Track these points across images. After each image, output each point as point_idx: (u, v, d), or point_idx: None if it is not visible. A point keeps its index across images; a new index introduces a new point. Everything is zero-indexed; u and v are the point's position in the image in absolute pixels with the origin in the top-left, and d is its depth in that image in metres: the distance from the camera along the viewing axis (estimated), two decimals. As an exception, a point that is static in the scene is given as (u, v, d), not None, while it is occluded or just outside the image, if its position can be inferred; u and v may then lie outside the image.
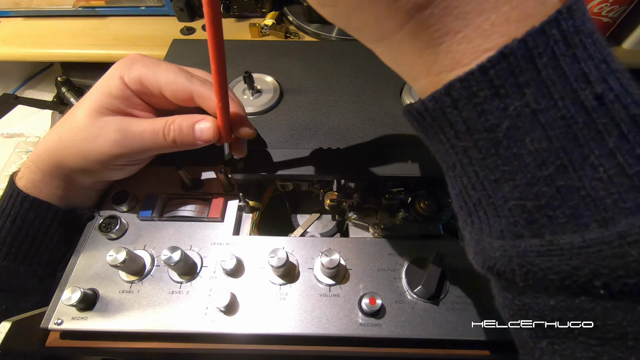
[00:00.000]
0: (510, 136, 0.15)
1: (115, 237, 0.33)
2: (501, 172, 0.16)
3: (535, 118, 0.15)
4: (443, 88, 0.16)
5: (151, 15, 0.76)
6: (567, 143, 0.15)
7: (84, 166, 0.31)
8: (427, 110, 0.17)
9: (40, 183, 0.32)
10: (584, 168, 0.15)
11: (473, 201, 0.18)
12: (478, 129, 0.16)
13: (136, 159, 0.33)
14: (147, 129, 0.30)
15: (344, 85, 0.47)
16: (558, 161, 0.15)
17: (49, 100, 0.76)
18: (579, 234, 0.15)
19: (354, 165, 0.32)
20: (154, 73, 0.30)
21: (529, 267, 0.16)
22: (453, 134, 0.17)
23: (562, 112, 0.15)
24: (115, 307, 0.30)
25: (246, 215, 0.37)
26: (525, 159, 0.15)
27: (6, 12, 0.74)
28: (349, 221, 0.36)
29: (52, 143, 0.31)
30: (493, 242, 0.17)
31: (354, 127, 0.42)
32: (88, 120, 0.29)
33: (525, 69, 0.14)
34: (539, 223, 0.16)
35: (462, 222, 0.20)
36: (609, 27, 0.61)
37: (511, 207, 0.16)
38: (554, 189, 0.15)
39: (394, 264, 0.32)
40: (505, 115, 0.15)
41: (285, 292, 0.30)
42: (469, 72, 0.15)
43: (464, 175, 0.18)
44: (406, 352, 0.29)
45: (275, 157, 0.33)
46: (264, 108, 0.44)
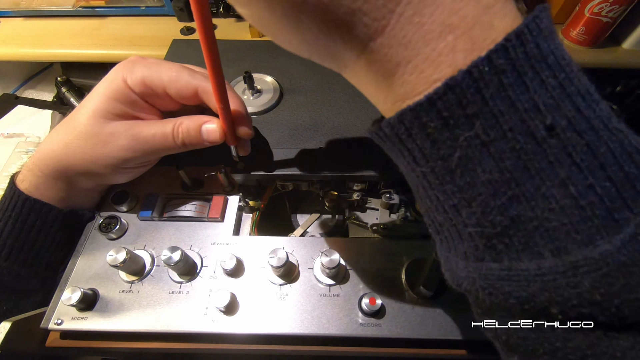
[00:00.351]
0: (462, 165, 0.15)
1: (115, 237, 0.33)
2: (458, 199, 0.16)
3: (485, 149, 0.15)
4: (396, 115, 0.16)
5: (151, 15, 0.76)
6: (519, 174, 0.15)
7: (94, 170, 0.31)
8: (385, 135, 0.17)
9: (43, 186, 0.32)
10: (536, 199, 0.15)
11: (438, 221, 0.18)
12: (432, 157, 0.16)
13: (146, 161, 0.33)
14: (158, 132, 0.30)
15: (344, 85, 0.47)
16: (510, 192, 0.15)
17: (49, 100, 0.76)
18: (534, 262, 0.15)
19: (353, 165, 0.32)
20: (156, 72, 0.30)
21: (490, 289, 0.16)
22: (411, 159, 0.17)
23: (512, 144, 0.14)
24: (115, 307, 0.30)
25: (246, 215, 0.37)
26: (478, 189, 0.15)
27: (6, 12, 0.74)
28: (349, 221, 0.36)
29: (57, 149, 0.31)
30: (458, 261, 0.18)
31: (354, 127, 0.42)
32: (97, 126, 0.29)
33: (472, 101, 0.14)
34: (497, 249, 0.16)
35: (433, 236, 0.20)
36: (609, 27, 0.61)
37: (471, 232, 0.16)
38: (507, 218, 0.15)
39: (394, 264, 0.32)
40: (456, 146, 0.15)
41: (285, 292, 0.30)
42: (418, 102, 0.15)
43: (426, 198, 0.18)
44: (406, 352, 0.29)
45: (275, 157, 0.33)
46: (264, 108, 0.44)
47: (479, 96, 0.14)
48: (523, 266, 0.15)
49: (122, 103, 0.30)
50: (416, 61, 0.15)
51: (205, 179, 0.37)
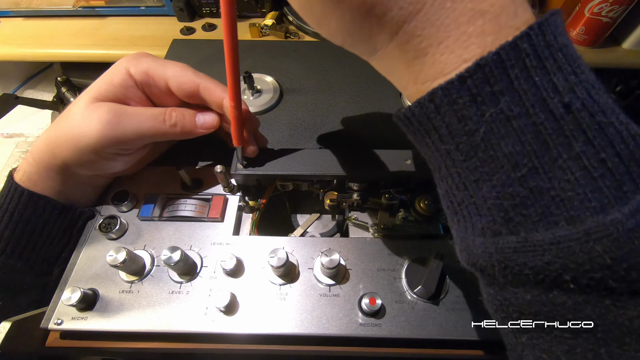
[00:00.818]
0: (487, 140, 0.17)
1: (115, 237, 0.33)
2: (480, 173, 0.17)
3: (509, 124, 0.16)
4: (427, 95, 0.17)
5: (151, 15, 0.76)
6: (538, 147, 0.16)
7: (77, 155, 0.30)
8: (414, 115, 0.18)
9: (36, 175, 0.32)
10: (553, 170, 0.16)
11: (457, 200, 0.19)
12: (459, 133, 0.17)
13: (129, 147, 0.32)
14: (144, 113, 0.31)
15: (344, 85, 0.47)
16: (530, 163, 0.16)
17: (49, 100, 0.76)
18: (550, 231, 0.16)
19: (354, 165, 0.32)
20: (162, 66, 0.31)
21: (506, 262, 0.17)
22: (437, 137, 0.18)
23: (533, 119, 0.16)
24: (115, 307, 0.30)
25: (246, 215, 0.37)
26: (501, 161, 0.17)
27: (6, 12, 0.74)
28: (349, 221, 0.36)
29: (49, 133, 0.31)
30: (475, 239, 0.18)
31: (354, 127, 0.42)
32: (83, 106, 0.30)
33: (499, 79, 0.16)
34: (514, 221, 0.17)
35: (449, 220, 0.21)
36: (609, 27, 0.61)
37: (490, 206, 0.17)
38: (526, 189, 0.16)
39: (394, 264, 0.32)
40: (482, 121, 0.16)
41: (285, 292, 0.30)
42: (449, 80, 0.16)
43: (448, 177, 0.19)
44: (406, 352, 0.29)
45: (275, 157, 0.33)
46: (264, 108, 0.44)
47: (505, 75, 0.16)
48: (539, 236, 0.16)
49: (116, 87, 0.31)
50: (448, 42, 0.16)
51: (205, 178, 0.37)
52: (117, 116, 0.29)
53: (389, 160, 0.32)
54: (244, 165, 0.32)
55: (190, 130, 0.32)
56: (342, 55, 0.51)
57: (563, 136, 0.16)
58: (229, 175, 0.33)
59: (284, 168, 0.32)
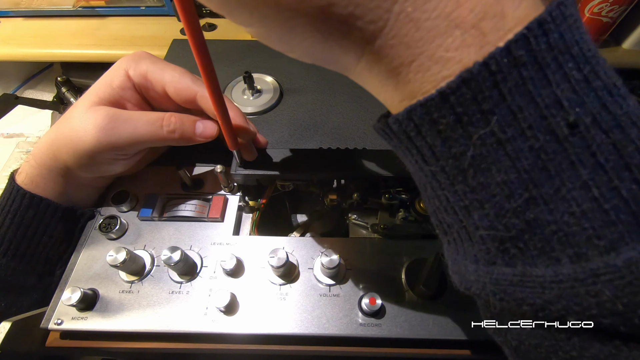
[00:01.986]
0: (476, 165, 0.14)
1: (115, 237, 0.33)
2: (469, 200, 0.15)
3: (501, 148, 0.14)
4: (405, 111, 0.15)
5: (151, 15, 0.76)
6: (537, 174, 0.14)
7: (76, 158, 0.30)
8: (392, 132, 0.17)
9: (38, 177, 0.32)
10: (555, 201, 0.14)
11: (447, 223, 0.17)
12: (443, 156, 0.15)
13: (125, 152, 0.32)
14: (141, 118, 0.30)
15: (344, 85, 0.47)
16: (527, 193, 0.14)
17: (49, 100, 0.76)
18: (552, 268, 0.14)
19: (354, 165, 0.32)
20: (160, 70, 0.31)
21: (501, 295, 0.15)
22: (420, 157, 0.16)
23: (531, 142, 0.13)
24: (115, 307, 0.30)
25: (246, 215, 0.37)
26: (492, 190, 0.14)
27: (6, 12, 0.74)
28: (349, 221, 0.36)
29: (51, 135, 0.32)
30: (468, 265, 0.17)
31: (354, 127, 0.42)
32: (82, 110, 0.30)
33: (488, 96, 0.13)
34: (510, 253, 0.15)
35: (440, 237, 0.19)
36: (609, 27, 0.61)
37: (482, 235, 0.15)
38: (523, 221, 0.14)
39: (394, 264, 0.32)
40: (469, 144, 0.14)
41: (285, 292, 0.30)
42: (429, 97, 0.14)
43: (435, 198, 0.17)
44: (406, 352, 0.29)
45: (275, 157, 0.33)
46: (264, 108, 0.44)
47: (496, 91, 0.13)
48: (538, 272, 0.14)
49: (114, 89, 0.30)
50: (421, 59, 0.14)
51: (205, 178, 0.37)
52: (112, 121, 0.29)
53: (389, 160, 0.32)
54: (243, 166, 0.32)
55: (190, 138, 0.32)
56: (342, 55, 0.51)
57: (567, 161, 0.13)
58: (229, 175, 0.33)
59: (284, 168, 0.32)
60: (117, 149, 0.30)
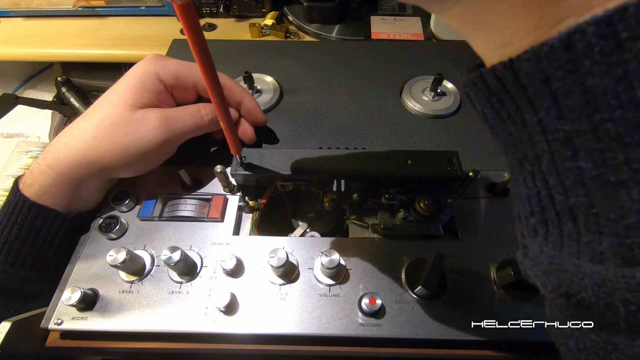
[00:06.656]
0: None
1: (115, 237, 0.33)
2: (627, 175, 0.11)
3: None
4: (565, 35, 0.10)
5: (151, 15, 0.76)
6: None
7: (122, 160, 0.32)
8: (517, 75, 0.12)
9: (56, 189, 0.32)
10: None
11: (558, 208, 0.13)
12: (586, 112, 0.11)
13: (175, 146, 0.35)
14: (184, 113, 0.33)
15: (344, 85, 0.47)
16: None
17: (49, 100, 0.76)
18: None
19: (354, 165, 0.32)
20: (189, 68, 0.34)
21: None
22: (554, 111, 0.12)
23: None
24: (115, 307, 0.30)
25: (246, 215, 0.37)
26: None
27: (6, 12, 0.74)
28: (349, 221, 0.36)
29: (82, 144, 0.31)
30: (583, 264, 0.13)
31: (354, 127, 0.42)
32: (127, 115, 0.31)
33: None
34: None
35: (526, 229, 0.15)
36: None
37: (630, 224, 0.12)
38: None
39: (394, 264, 0.32)
40: None
41: (285, 292, 0.30)
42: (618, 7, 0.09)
43: (553, 173, 0.13)
44: (406, 352, 0.29)
45: (275, 157, 0.33)
46: (264, 108, 0.44)
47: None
48: None
49: (150, 93, 0.32)
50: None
51: (205, 178, 0.37)
52: (165, 120, 0.32)
53: (389, 160, 0.32)
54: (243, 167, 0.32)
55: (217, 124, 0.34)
56: (342, 56, 0.51)
57: None
58: (228, 175, 0.33)
59: (284, 168, 0.32)
60: (171, 143, 0.33)
